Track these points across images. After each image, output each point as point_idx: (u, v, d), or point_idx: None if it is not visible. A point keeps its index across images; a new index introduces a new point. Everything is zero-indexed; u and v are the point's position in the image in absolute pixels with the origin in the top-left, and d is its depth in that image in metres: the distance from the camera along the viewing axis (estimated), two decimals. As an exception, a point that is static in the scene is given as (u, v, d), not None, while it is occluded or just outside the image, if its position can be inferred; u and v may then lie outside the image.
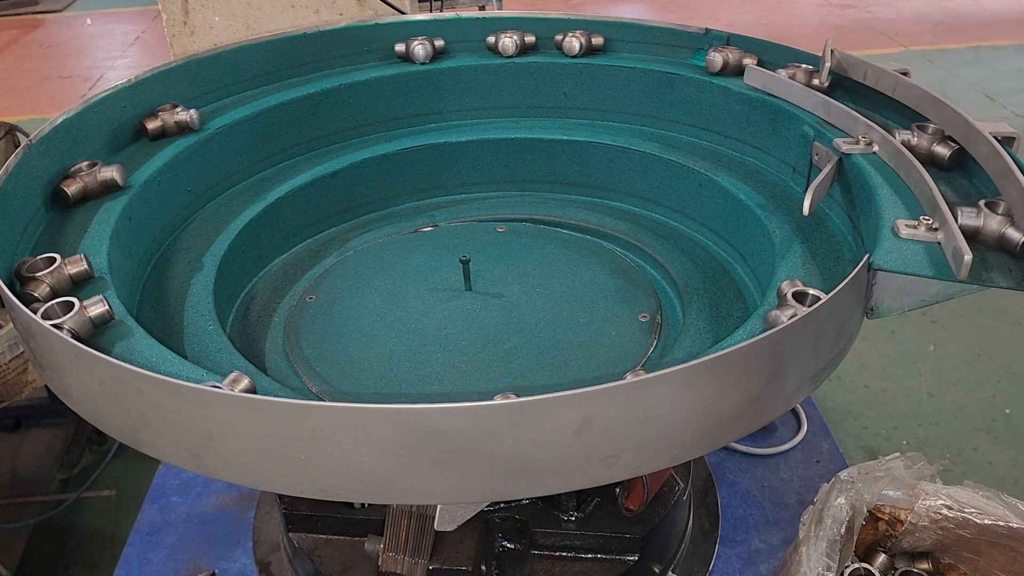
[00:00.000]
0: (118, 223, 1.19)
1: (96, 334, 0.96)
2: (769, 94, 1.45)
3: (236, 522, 1.61)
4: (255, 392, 0.89)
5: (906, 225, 1.01)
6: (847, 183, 1.22)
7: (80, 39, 7.01)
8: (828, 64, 1.40)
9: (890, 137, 1.18)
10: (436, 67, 1.69)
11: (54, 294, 1.01)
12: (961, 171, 1.19)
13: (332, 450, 0.79)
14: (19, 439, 2.41)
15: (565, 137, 1.65)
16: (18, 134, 2.42)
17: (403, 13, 2.00)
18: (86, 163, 1.26)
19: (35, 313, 0.92)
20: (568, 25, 1.71)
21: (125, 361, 0.84)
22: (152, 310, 1.20)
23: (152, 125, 1.41)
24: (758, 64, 1.50)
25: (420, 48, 1.67)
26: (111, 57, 6.36)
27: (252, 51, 1.61)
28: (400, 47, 1.69)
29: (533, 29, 1.72)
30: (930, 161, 1.19)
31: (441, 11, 2.28)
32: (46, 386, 2.16)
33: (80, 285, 1.05)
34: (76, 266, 1.04)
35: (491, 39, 1.71)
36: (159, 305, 1.21)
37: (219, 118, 1.49)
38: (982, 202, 1.03)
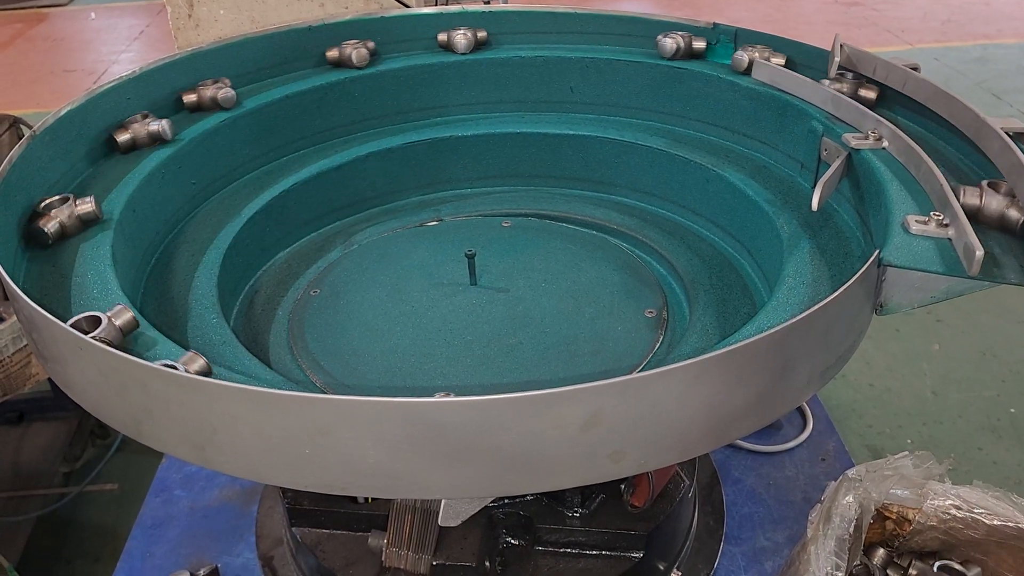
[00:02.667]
0: (122, 215, 1.19)
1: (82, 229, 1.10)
2: (777, 89, 1.44)
3: (239, 516, 1.61)
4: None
5: (916, 221, 1.00)
6: (856, 179, 1.21)
7: (84, 33, 7.01)
8: (837, 59, 1.39)
9: (902, 135, 1.17)
10: (441, 61, 1.68)
11: (63, 231, 1.11)
12: None
13: (337, 444, 0.78)
14: (22, 433, 2.41)
15: (571, 132, 1.64)
16: (22, 127, 2.41)
17: (408, 7, 1.99)
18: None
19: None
20: (574, 20, 1.70)
21: (128, 353, 0.83)
22: (156, 302, 1.19)
23: (189, 98, 1.48)
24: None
25: (462, 39, 1.67)
26: (115, 51, 6.36)
27: (257, 44, 1.60)
28: (441, 37, 1.70)
29: (540, 25, 1.71)
30: (1000, 227, 1.02)
31: (447, 5, 2.26)
32: (49, 380, 2.16)
33: (88, 225, 1.14)
34: (84, 207, 1.13)
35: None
36: (163, 297, 1.20)
37: (224, 111, 1.49)
38: (984, 182, 1.03)
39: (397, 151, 1.62)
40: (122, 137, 1.33)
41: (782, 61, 1.49)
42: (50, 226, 1.10)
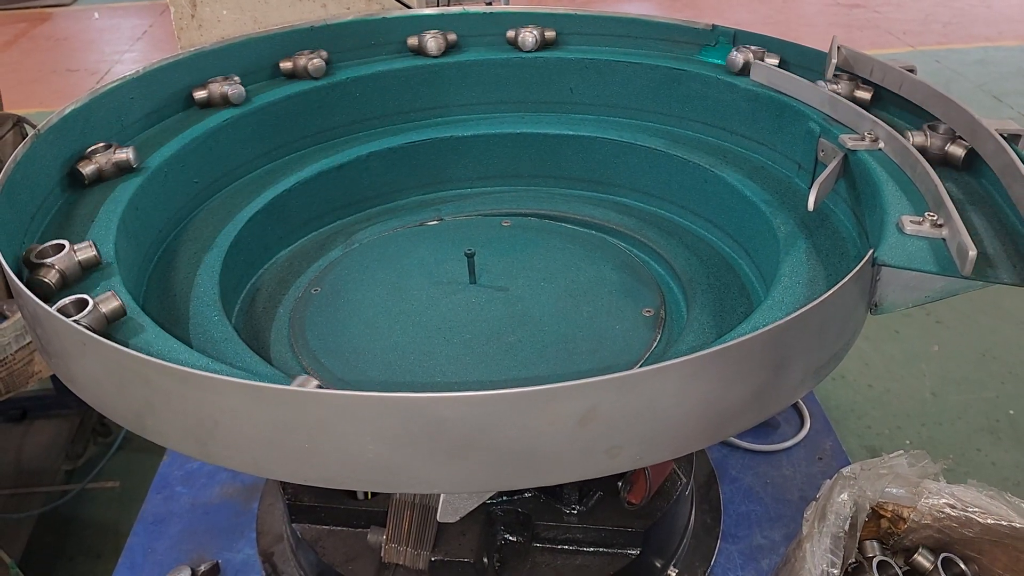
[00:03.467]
0: (125, 212, 1.20)
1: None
2: (775, 90, 1.45)
3: (240, 513, 1.62)
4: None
5: (911, 221, 1.01)
6: (852, 179, 1.22)
7: (87, 33, 7.03)
8: (835, 60, 1.40)
9: (898, 136, 1.18)
10: (443, 61, 1.69)
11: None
12: (971, 172, 1.19)
13: (336, 438, 0.79)
14: (24, 430, 2.42)
15: (571, 132, 1.65)
16: (26, 126, 2.43)
17: (410, 8, 2.00)
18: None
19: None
20: (575, 21, 1.71)
21: (131, 348, 0.84)
22: (158, 300, 1.20)
23: (200, 95, 1.49)
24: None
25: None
26: (118, 51, 6.38)
27: (259, 44, 1.61)
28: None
29: (538, 24, 1.72)
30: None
31: (448, 5, 2.28)
32: (51, 377, 2.17)
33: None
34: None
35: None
36: (165, 295, 1.21)
37: (226, 110, 1.50)
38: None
39: (398, 151, 1.63)
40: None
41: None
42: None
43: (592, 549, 1.30)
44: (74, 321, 0.89)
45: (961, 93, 5.05)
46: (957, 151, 1.18)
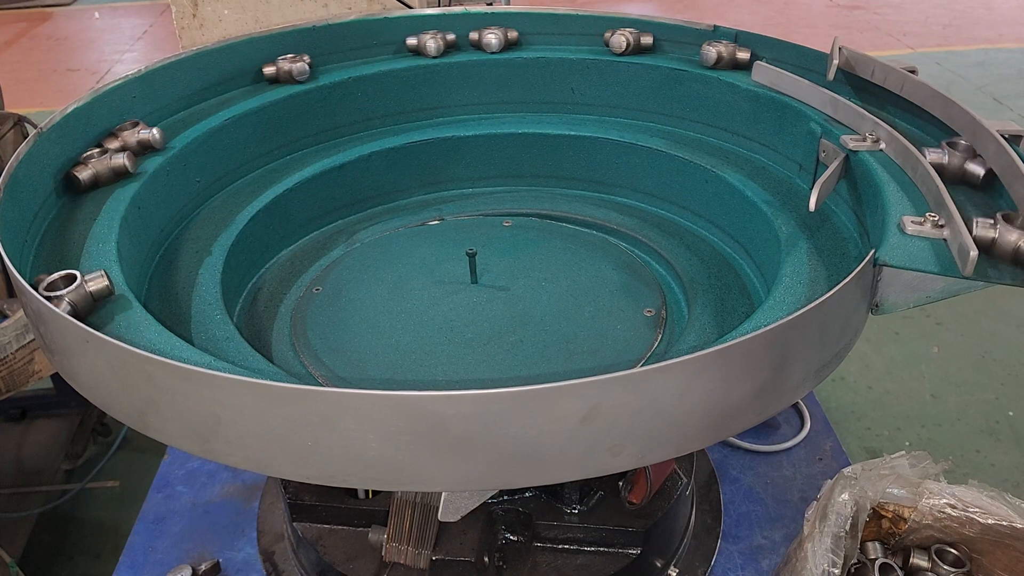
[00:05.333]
0: (127, 212, 1.20)
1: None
2: (777, 91, 1.45)
3: (240, 512, 1.62)
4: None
5: (912, 221, 1.01)
6: (853, 180, 1.22)
7: (88, 33, 7.03)
8: (836, 61, 1.40)
9: (911, 147, 1.15)
10: (444, 61, 1.69)
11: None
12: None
13: (339, 435, 0.80)
14: (24, 429, 2.42)
15: (572, 132, 1.65)
16: (26, 125, 2.43)
17: (411, 8, 2.00)
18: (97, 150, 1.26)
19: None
20: (576, 21, 1.71)
21: (134, 346, 0.85)
22: (160, 299, 1.20)
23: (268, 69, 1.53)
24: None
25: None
26: (119, 51, 6.38)
27: (261, 43, 1.61)
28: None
29: (541, 26, 1.72)
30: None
31: (449, 6, 2.28)
32: (52, 376, 2.17)
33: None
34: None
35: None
36: (167, 294, 1.21)
37: (228, 110, 1.50)
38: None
39: (400, 151, 1.64)
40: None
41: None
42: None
43: (593, 549, 1.31)
44: (58, 296, 0.90)
45: (961, 95, 5.05)
46: (976, 169, 1.12)
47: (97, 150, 1.27)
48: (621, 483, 1.31)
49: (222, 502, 1.65)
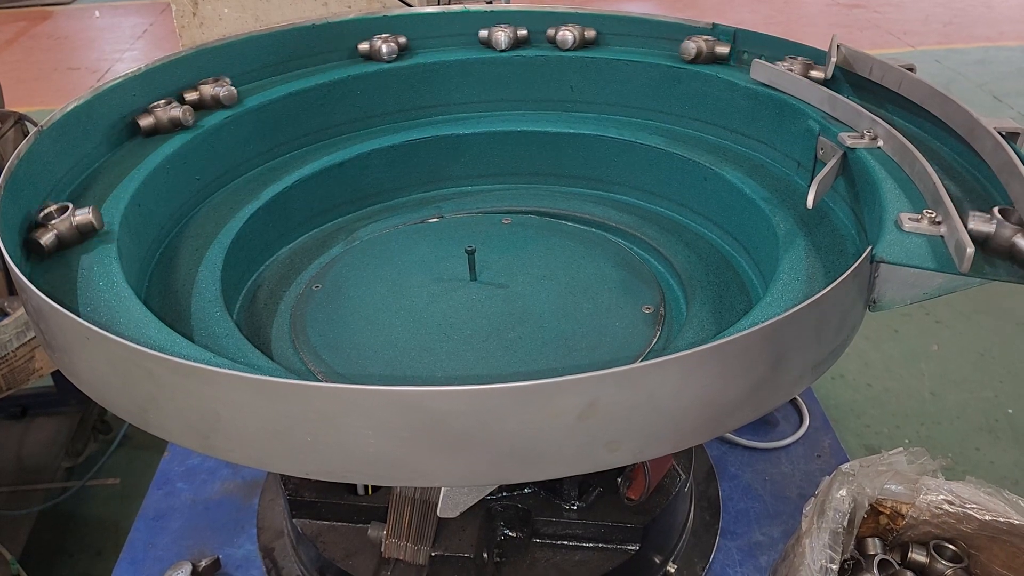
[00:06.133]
0: (127, 210, 1.20)
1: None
2: (775, 89, 1.45)
3: (240, 509, 1.63)
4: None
5: (909, 218, 1.02)
6: (851, 177, 1.23)
7: (88, 31, 7.04)
8: (834, 59, 1.40)
9: (912, 147, 1.15)
10: (443, 60, 1.70)
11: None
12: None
13: (338, 431, 0.80)
14: (25, 427, 2.43)
15: (571, 130, 1.65)
16: (27, 123, 2.43)
17: (411, 6, 2.01)
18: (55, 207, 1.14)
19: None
20: (574, 19, 1.71)
21: (134, 342, 0.85)
22: (160, 296, 1.21)
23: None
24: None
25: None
26: (119, 50, 6.39)
27: (261, 42, 1.62)
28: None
29: (540, 24, 1.72)
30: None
31: (449, 4, 2.28)
32: (52, 374, 2.18)
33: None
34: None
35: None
36: (167, 291, 1.22)
37: (228, 107, 1.50)
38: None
39: (399, 148, 1.64)
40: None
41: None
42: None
43: (591, 545, 1.31)
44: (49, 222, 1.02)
45: (961, 93, 5.05)
46: None
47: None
48: (620, 479, 1.32)
49: (222, 499, 1.66)
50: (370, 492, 1.34)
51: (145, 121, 1.38)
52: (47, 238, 1.08)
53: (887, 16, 6.82)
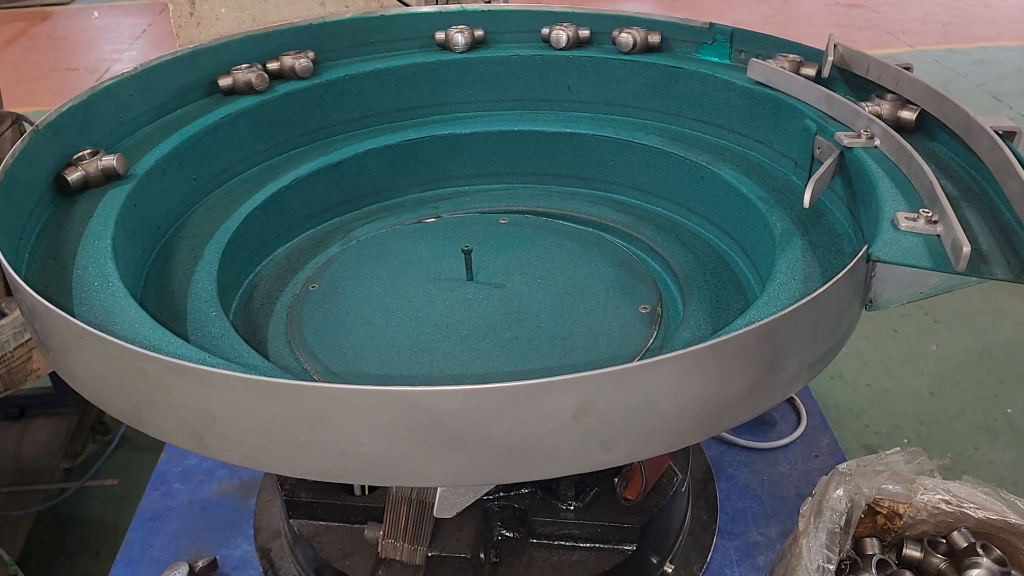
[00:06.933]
0: (123, 209, 1.20)
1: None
2: (772, 88, 1.45)
3: (237, 509, 1.62)
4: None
5: (906, 217, 1.02)
6: (848, 177, 1.22)
7: (87, 32, 7.04)
8: (831, 58, 1.40)
9: (908, 146, 1.16)
10: (440, 59, 1.70)
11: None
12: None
13: (333, 431, 0.80)
14: (23, 428, 2.43)
15: (568, 130, 1.65)
16: (24, 123, 2.43)
17: (408, 6, 2.01)
18: (88, 151, 1.27)
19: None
20: (570, 19, 1.71)
21: (129, 342, 0.85)
22: (156, 296, 1.21)
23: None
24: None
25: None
26: (117, 50, 6.39)
27: (258, 41, 1.62)
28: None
29: (538, 24, 1.72)
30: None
31: (447, 4, 2.28)
32: (50, 375, 2.17)
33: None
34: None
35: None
36: (163, 291, 1.22)
37: (225, 107, 1.50)
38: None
39: (396, 148, 1.64)
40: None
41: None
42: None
43: (588, 545, 1.31)
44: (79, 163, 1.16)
45: (960, 93, 5.06)
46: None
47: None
48: (616, 479, 1.32)
49: (219, 499, 1.65)
50: (367, 492, 1.33)
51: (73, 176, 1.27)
52: (75, 176, 1.22)
53: (886, 16, 6.82)
